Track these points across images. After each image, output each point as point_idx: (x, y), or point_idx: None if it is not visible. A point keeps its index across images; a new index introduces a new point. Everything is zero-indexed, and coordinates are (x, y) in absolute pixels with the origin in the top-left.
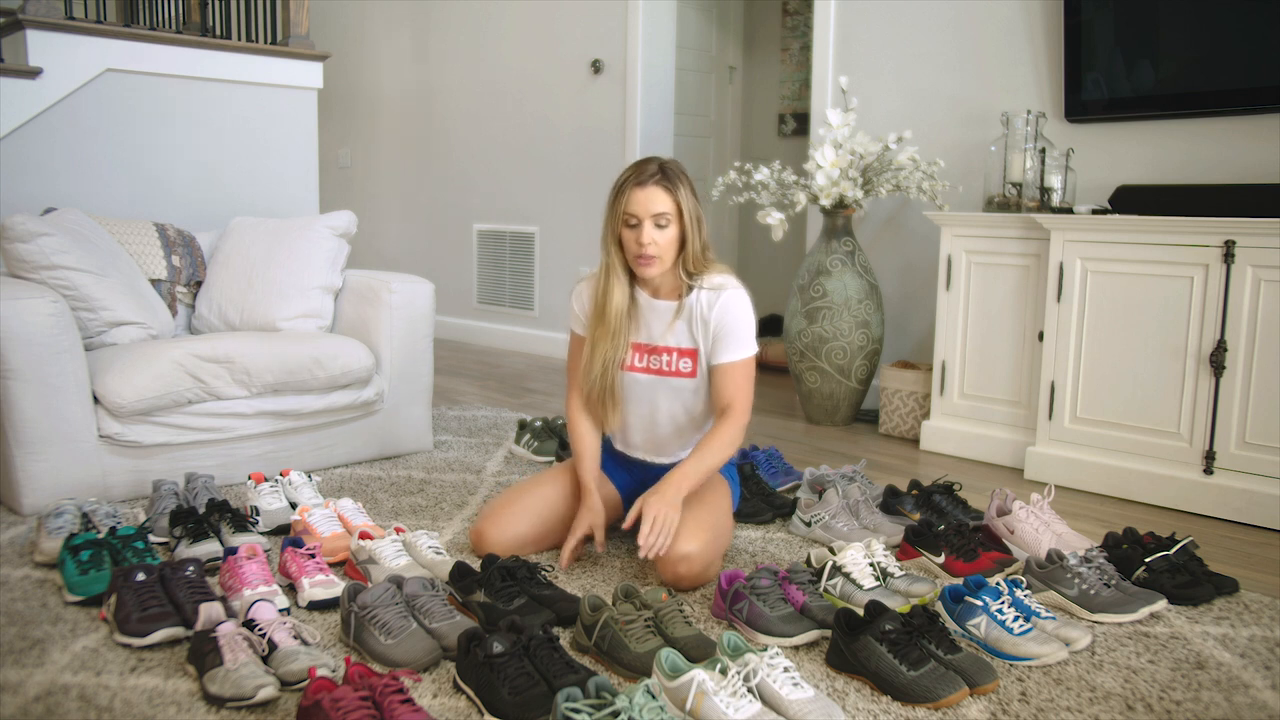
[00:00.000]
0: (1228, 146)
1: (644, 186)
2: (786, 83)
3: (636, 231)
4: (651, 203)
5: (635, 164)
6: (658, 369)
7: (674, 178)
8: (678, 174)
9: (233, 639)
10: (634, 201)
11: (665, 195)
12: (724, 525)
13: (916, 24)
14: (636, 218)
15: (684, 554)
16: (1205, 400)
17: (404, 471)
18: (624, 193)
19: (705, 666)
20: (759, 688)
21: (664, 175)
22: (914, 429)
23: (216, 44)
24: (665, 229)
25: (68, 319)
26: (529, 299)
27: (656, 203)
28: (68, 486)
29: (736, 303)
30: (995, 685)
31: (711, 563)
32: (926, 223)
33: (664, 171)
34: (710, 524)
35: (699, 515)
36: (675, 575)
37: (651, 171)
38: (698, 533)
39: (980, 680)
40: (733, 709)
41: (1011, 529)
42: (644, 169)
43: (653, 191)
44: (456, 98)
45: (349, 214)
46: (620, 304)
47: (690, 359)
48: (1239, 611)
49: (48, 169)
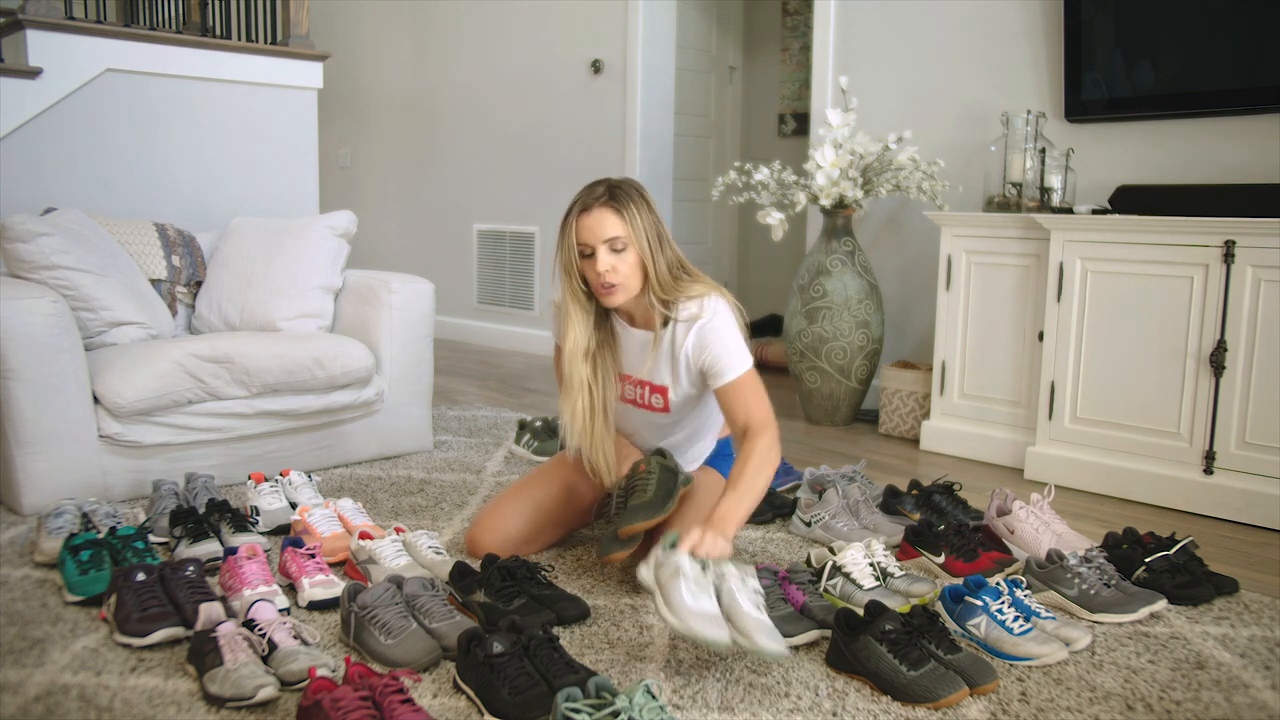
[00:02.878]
0: (1228, 146)
1: (590, 212)
2: (786, 83)
3: (592, 261)
4: (601, 227)
5: (582, 190)
6: (633, 399)
7: (623, 198)
8: (628, 193)
9: (233, 639)
10: (583, 229)
11: (614, 217)
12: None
13: (916, 24)
14: (589, 246)
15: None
16: (1205, 400)
17: (404, 471)
18: (569, 222)
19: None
20: (724, 595)
21: (611, 196)
22: (914, 429)
23: (216, 44)
24: (622, 253)
25: (68, 319)
26: (529, 299)
27: (607, 227)
28: (68, 486)
29: (712, 331)
30: (995, 685)
31: None
32: (926, 223)
33: (611, 193)
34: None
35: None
36: None
37: (598, 194)
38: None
39: (980, 680)
40: (690, 596)
41: (1011, 529)
42: (590, 192)
43: (600, 215)
44: (456, 98)
45: (349, 214)
46: (579, 341)
47: (661, 395)
48: (1239, 611)
49: (48, 169)
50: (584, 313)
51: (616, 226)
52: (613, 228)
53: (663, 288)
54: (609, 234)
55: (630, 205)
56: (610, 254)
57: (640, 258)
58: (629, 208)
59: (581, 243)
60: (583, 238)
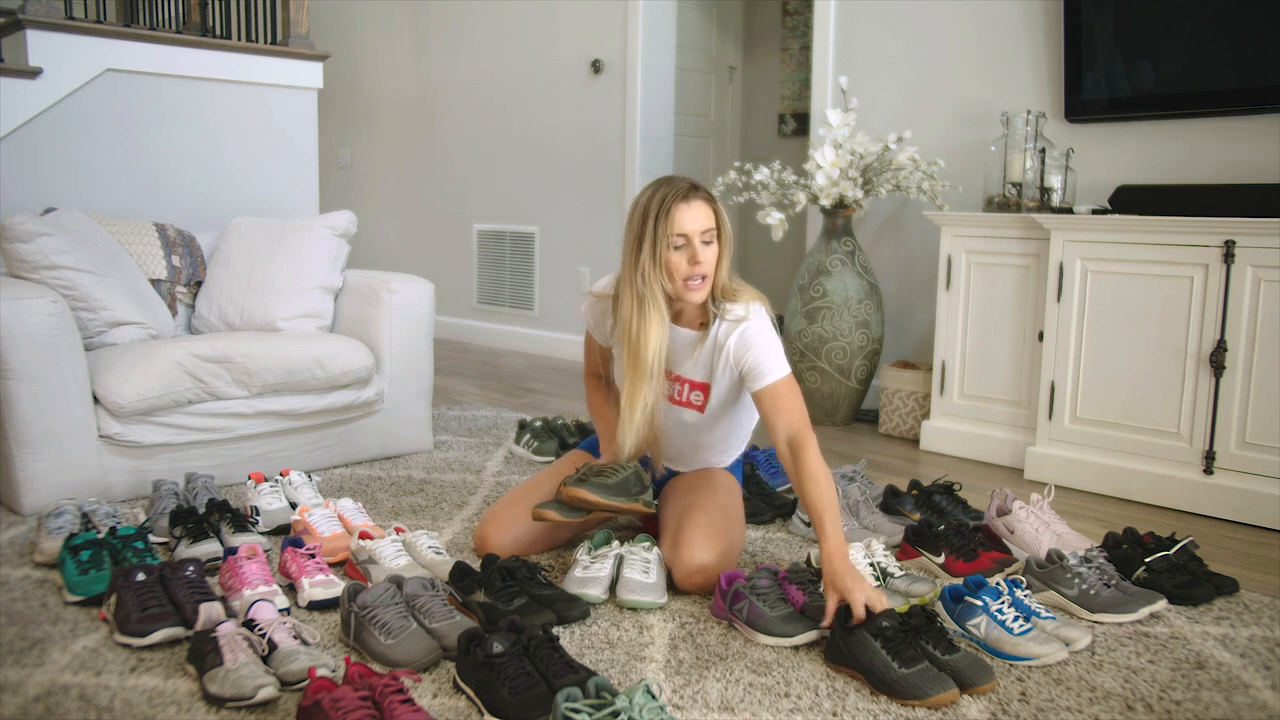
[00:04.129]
0: (1228, 146)
1: (689, 202)
2: (786, 83)
3: (685, 252)
4: (700, 218)
5: (661, 181)
6: (669, 396)
7: (707, 193)
8: (708, 190)
9: (233, 639)
10: (682, 220)
11: (709, 209)
12: (738, 531)
13: (916, 24)
14: (685, 237)
15: (700, 564)
16: (1205, 400)
17: (404, 471)
18: (669, 212)
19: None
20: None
21: (698, 190)
22: (914, 429)
23: (216, 44)
24: (710, 245)
25: (68, 319)
26: (529, 299)
27: (703, 218)
28: (68, 486)
29: (756, 334)
30: (992, 686)
31: (726, 570)
32: (926, 223)
33: (696, 187)
34: (727, 531)
35: (714, 522)
36: (691, 585)
37: (690, 186)
38: (714, 541)
39: (976, 681)
40: (580, 567)
41: (1011, 529)
42: (677, 184)
43: (698, 206)
44: (456, 98)
45: (349, 214)
46: (659, 344)
47: (702, 393)
48: (1239, 611)
49: (48, 169)
50: (660, 312)
51: (710, 218)
52: (708, 219)
53: (725, 287)
54: (705, 225)
55: (716, 201)
56: (703, 245)
57: (719, 254)
58: (715, 203)
59: (679, 232)
60: (683, 227)
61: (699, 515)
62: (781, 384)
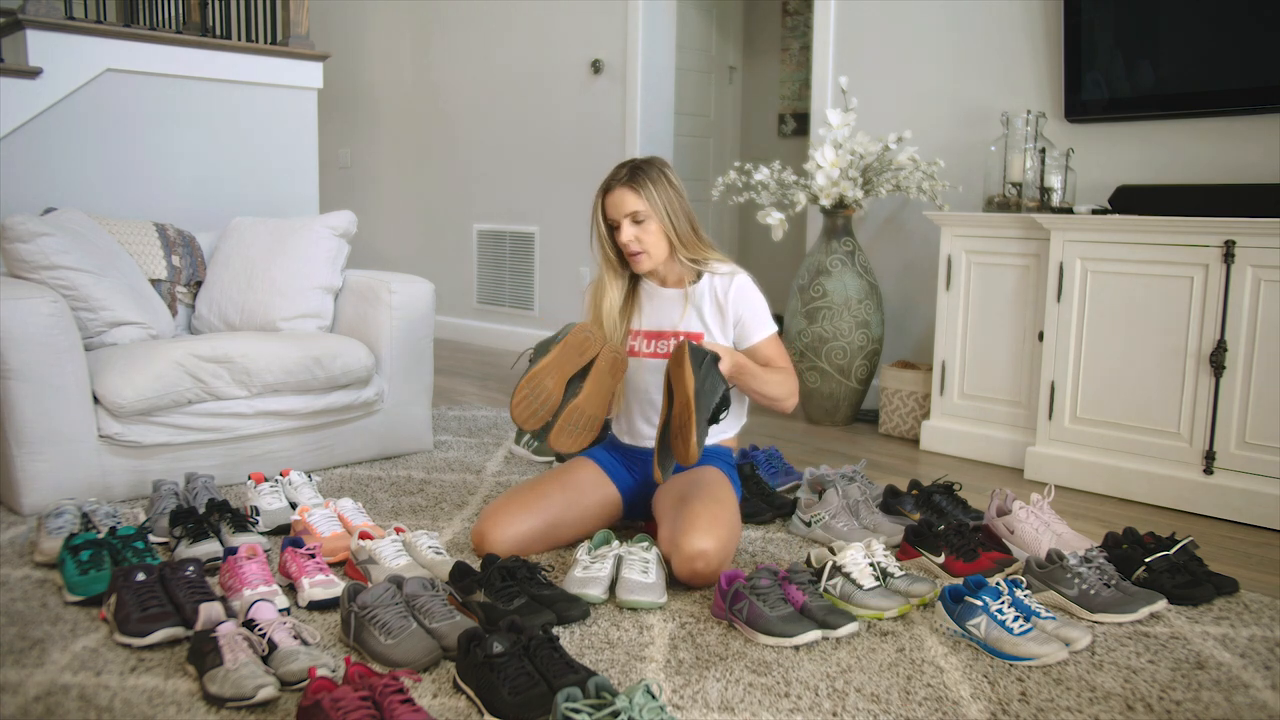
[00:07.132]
0: (1228, 146)
1: (611, 191)
2: (786, 83)
3: (618, 232)
4: (622, 204)
5: (612, 170)
6: (666, 353)
7: (641, 176)
8: (647, 171)
9: (233, 639)
10: (608, 207)
11: (632, 194)
12: (736, 522)
13: (916, 24)
14: (614, 221)
15: (700, 550)
16: (1205, 400)
17: (404, 471)
18: (600, 200)
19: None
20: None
21: (630, 177)
22: (914, 429)
23: (216, 44)
24: (644, 223)
25: (68, 319)
26: (529, 299)
27: (626, 203)
28: (68, 486)
29: (749, 287)
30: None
31: (725, 560)
32: (926, 223)
33: (632, 173)
34: (725, 520)
35: (713, 511)
36: (691, 571)
37: (620, 176)
38: (714, 529)
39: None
40: (580, 567)
41: (1011, 529)
42: (614, 174)
43: (620, 194)
44: (456, 97)
45: (349, 214)
46: (614, 301)
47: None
48: (1239, 611)
49: (48, 169)
50: (617, 277)
51: (635, 202)
52: (632, 204)
53: (687, 248)
54: (629, 209)
55: (648, 183)
56: (632, 226)
57: (662, 227)
58: (646, 186)
59: (608, 219)
60: (608, 214)
61: (695, 504)
62: (771, 340)
